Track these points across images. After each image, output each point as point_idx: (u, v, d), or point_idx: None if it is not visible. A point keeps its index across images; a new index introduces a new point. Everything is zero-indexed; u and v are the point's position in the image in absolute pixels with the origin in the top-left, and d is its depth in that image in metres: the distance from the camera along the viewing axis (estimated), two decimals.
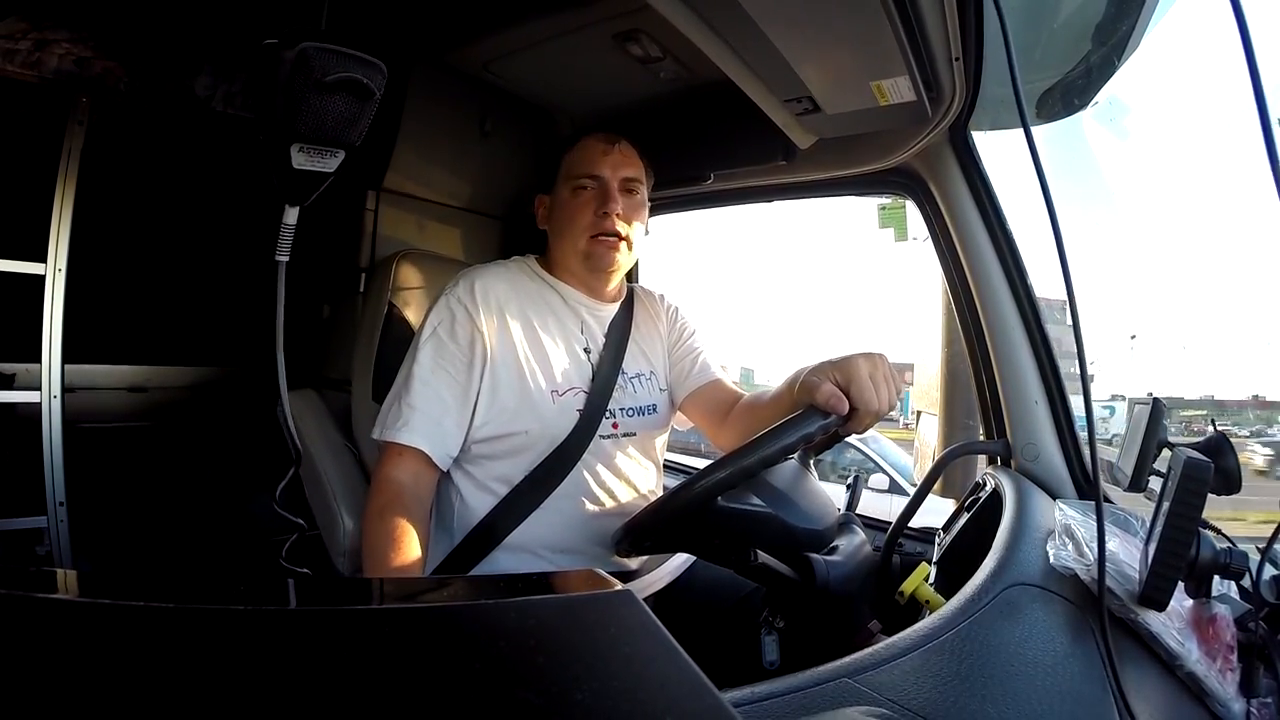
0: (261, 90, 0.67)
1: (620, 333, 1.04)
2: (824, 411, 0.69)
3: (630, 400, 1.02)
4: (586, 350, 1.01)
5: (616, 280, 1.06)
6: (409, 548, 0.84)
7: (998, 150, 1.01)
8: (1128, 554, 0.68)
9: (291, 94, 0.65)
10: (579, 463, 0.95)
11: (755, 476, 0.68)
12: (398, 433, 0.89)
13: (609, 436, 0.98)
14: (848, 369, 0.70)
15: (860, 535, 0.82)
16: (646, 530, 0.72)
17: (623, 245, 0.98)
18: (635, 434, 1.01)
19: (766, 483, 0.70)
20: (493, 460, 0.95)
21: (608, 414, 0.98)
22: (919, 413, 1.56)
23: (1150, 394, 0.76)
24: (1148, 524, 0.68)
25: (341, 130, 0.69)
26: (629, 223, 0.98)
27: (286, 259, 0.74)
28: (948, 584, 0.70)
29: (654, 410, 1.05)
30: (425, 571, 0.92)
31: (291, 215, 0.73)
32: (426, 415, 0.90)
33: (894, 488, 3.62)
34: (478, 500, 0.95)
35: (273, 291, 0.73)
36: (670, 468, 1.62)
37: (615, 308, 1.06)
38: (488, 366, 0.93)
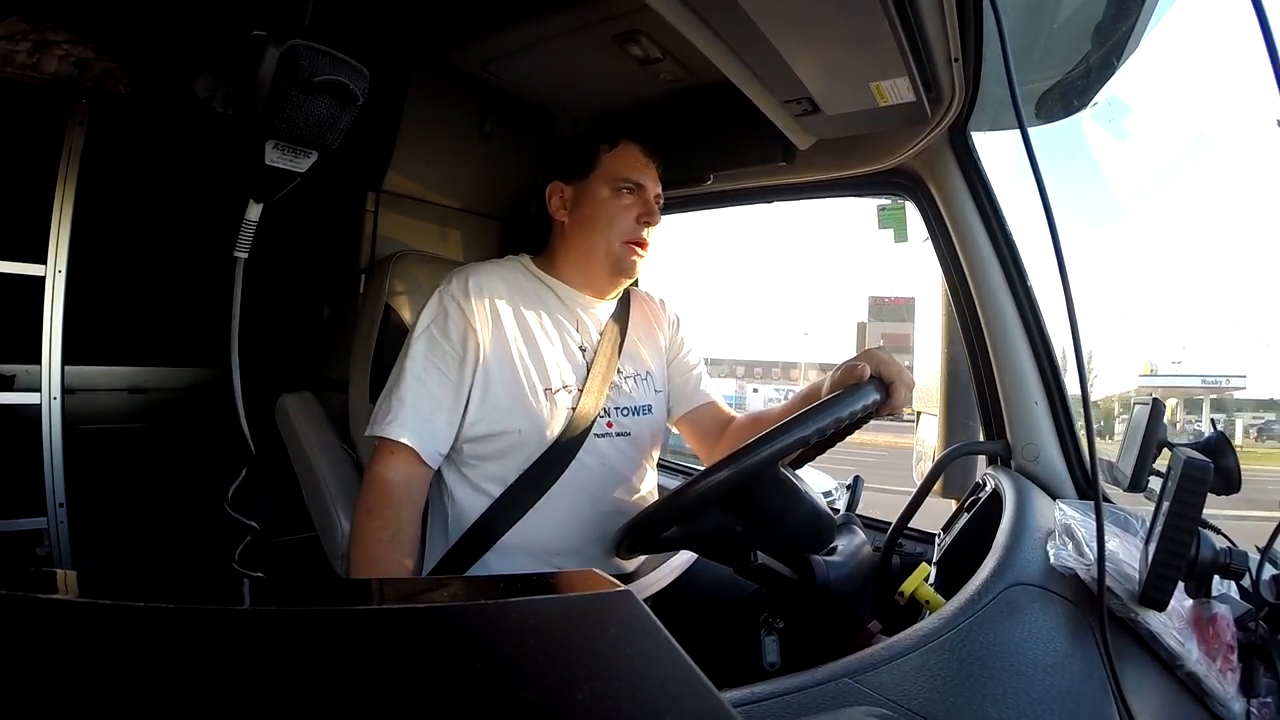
0: (242, 82, 0.67)
1: (616, 331, 1.04)
2: (863, 390, 0.74)
3: (626, 400, 1.02)
4: (582, 348, 1.00)
5: (624, 285, 1.06)
6: (398, 546, 0.83)
7: (998, 150, 1.01)
8: (1128, 554, 0.68)
9: (276, 90, 0.64)
10: (574, 462, 0.94)
11: (784, 459, 0.70)
12: (387, 428, 0.88)
13: (604, 436, 0.98)
14: (868, 357, 0.79)
15: (860, 535, 0.82)
16: (664, 517, 0.72)
17: (644, 254, 1.01)
18: (630, 434, 1.01)
19: (791, 470, 0.74)
20: (485, 461, 0.94)
21: (603, 413, 0.98)
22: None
23: (1150, 394, 0.76)
24: (1148, 524, 0.68)
25: (320, 132, 0.69)
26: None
27: (245, 255, 0.73)
28: (948, 584, 0.70)
29: (649, 411, 1.04)
30: (421, 574, 0.92)
31: (254, 211, 0.73)
32: (417, 411, 0.90)
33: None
34: (471, 501, 0.94)
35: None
36: (668, 468, 1.62)
37: (611, 305, 1.06)
38: (480, 364, 0.92)
